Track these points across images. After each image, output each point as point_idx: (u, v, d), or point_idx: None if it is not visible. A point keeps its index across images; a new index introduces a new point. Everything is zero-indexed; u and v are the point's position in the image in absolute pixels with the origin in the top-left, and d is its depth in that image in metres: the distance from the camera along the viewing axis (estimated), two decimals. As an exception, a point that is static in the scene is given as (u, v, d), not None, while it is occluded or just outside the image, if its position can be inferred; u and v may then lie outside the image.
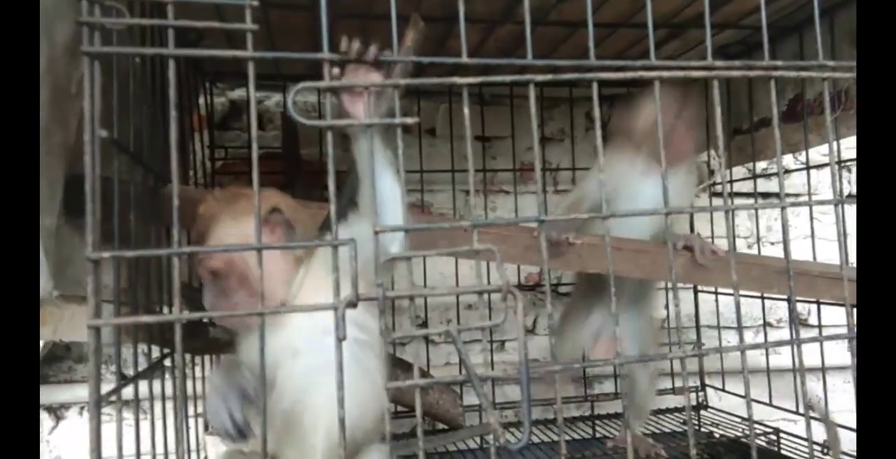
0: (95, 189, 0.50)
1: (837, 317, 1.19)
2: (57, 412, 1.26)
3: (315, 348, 0.68)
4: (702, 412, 1.40)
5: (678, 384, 1.40)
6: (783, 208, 0.66)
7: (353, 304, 0.53)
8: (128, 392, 0.69)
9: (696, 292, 1.46)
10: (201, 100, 1.22)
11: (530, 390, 0.55)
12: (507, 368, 0.62)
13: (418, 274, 1.38)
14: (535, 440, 1.19)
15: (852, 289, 0.68)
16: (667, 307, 1.51)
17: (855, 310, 0.68)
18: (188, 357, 1.01)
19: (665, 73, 0.61)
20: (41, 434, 1.26)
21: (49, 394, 1.24)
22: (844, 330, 0.65)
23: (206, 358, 1.11)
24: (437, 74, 0.95)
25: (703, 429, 1.30)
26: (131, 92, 0.67)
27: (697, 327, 1.46)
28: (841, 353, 1.41)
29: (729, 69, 0.65)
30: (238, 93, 1.38)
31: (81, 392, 1.24)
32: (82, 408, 1.28)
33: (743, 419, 1.23)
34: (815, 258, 1.20)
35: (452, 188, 1.39)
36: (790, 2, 1.03)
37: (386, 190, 0.68)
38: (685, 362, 0.60)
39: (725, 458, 1.17)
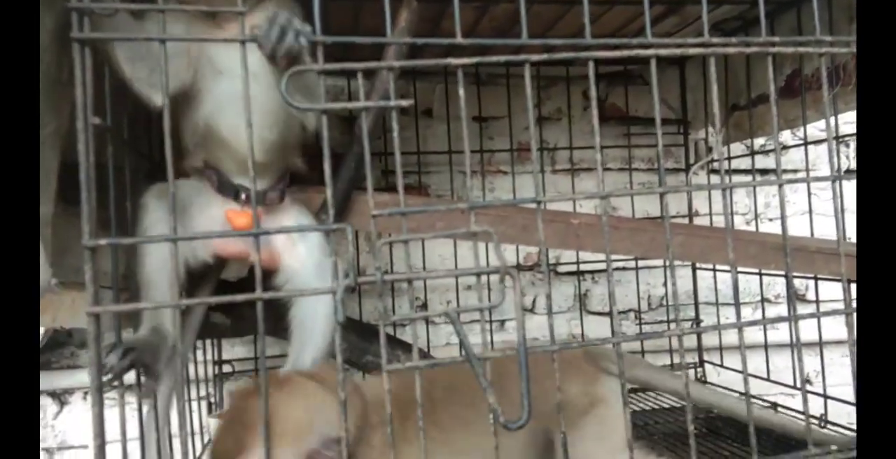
0: (90, 177, 0.50)
1: (835, 292, 1.20)
2: (61, 397, 1.28)
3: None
4: (700, 387, 1.41)
5: (676, 360, 1.41)
6: (780, 185, 0.66)
7: (351, 289, 0.53)
8: (128, 376, 0.69)
9: (694, 269, 1.47)
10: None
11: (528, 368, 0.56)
12: (507, 348, 0.63)
13: (417, 256, 1.38)
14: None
15: (849, 265, 0.69)
16: (665, 284, 1.52)
17: (853, 285, 0.68)
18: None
19: (662, 51, 0.60)
20: (46, 420, 1.27)
21: (52, 380, 1.25)
22: (842, 305, 0.65)
23: (207, 341, 1.12)
24: (432, 55, 0.95)
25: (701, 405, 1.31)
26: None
27: (696, 304, 1.47)
28: (838, 328, 1.42)
29: (726, 46, 0.64)
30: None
31: (84, 377, 1.25)
32: (86, 393, 1.29)
33: (741, 394, 1.24)
34: (812, 234, 1.20)
35: (450, 169, 1.39)
36: (788, -25, 1.02)
37: None
38: (683, 339, 0.60)
39: (724, 432, 1.18)
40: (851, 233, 1.45)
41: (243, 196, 0.77)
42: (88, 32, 0.50)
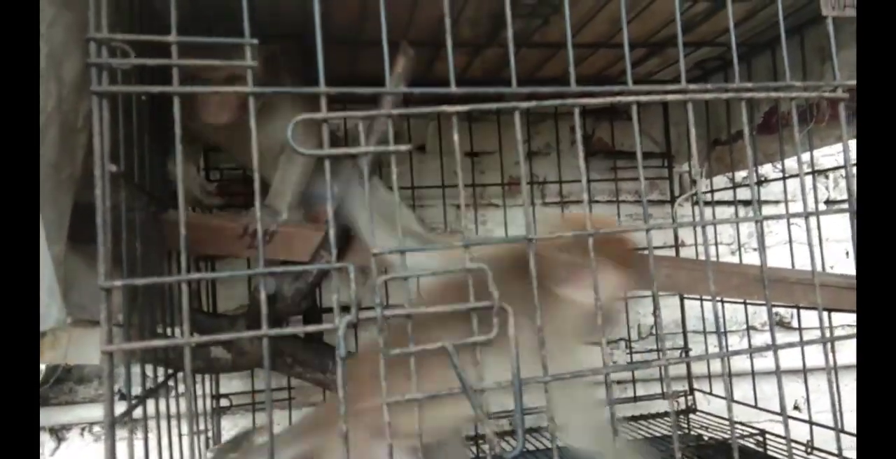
0: (107, 220, 0.53)
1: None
2: (58, 433, 1.28)
3: None
4: (691, 415, 1.43)
5: (665, 389, 1.43)
6: (758, 222, 0.70)
7: (353, 325, 0.56)
8: (136, 412, 0.71)
9: (681, 299, 1.50)
10: (195, 123, 1.25)
11: (523, 399, 0.59)
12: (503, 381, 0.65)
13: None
14: (529, 447, 1.22)
15: (825, 295, 0.72)
16: (654, 314, 1.55)
17: (828, 315, 0.72)
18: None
19: (643, 98, 0.65)
20: (44, 456, 1.27)
21: (50, 416, 1.25)
22: (826, 333, 0.68)
23: (207, 376, 1.13)
24: (426, 98, 0.98)
25: (692, 432, 1.33)
26: (134, 124, 0.70)
27: (684, 333, 1.49)
28: (822, 355, 1.45)
29: (703, 92, 0.69)
30: (231, 115, 1.41)
31: (83, 413, 1.26)
32: (83, 429, 1.29)
33: (728, 421, 1.26)
34: (793, 262, 1.24)
35: (443, 202, 1.42)
36: (762, 20, 1.08)
37: None
38: (669, 368, 0.63)
39: (715, 460, 1.20)
40: (829, 262, 1.48)
41: None
42: (106, 86, 0.54)
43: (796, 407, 1.48)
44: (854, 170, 0.76)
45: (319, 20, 0.57)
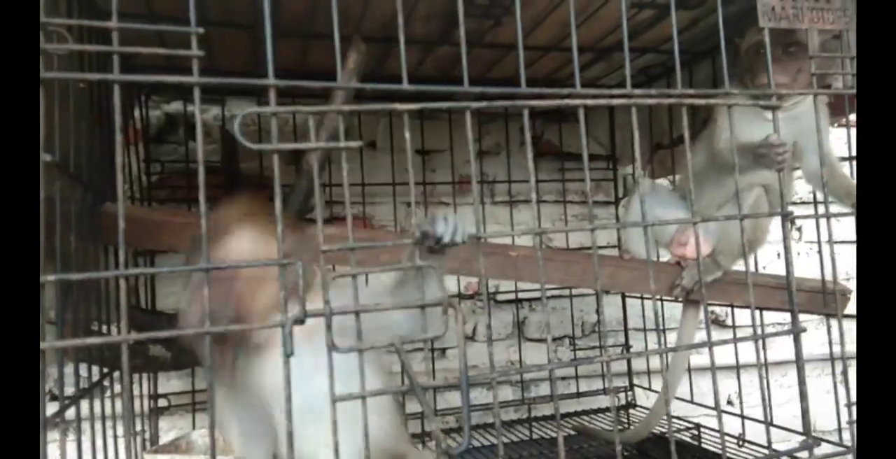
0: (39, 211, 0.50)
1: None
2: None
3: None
4: (631, 410, 1.48)
5: (607, 385, 1.47)
6: (695, 223, 0.73)
7: (300, 321, 0.55)
8: (69, 413, 0.68)
9: (623, 297, 1.54)
10: (136, 113, 1.21)
11: (469, 395, 0.59)
12: (448, 376, 0.66)
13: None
14: (476, 444, 1.23)
15: (758, 294, 0.76)
16: (597, 312, 1.59)
17: (759, 313, 0.76)
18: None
19: (589, 101, 0.66)
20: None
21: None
22: (758, 330, 0.72)
23: (144, 375, 1.09)
24: (377, 93, 0.99)
25: (631, 426, 1.37)
26: (70, 111, 0.67)
27: (626, 330, 1.54)
28: (754, 353, 1.52)
29: (646, 97, 0.71)
30: (174, 107, 1.37)
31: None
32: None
33: (666, 415, 1.31)
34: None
35: (393, 200, 1.42)
36: (703, 29, 1.12)
37: None
38: (613, 364, 0.65)
39: (653, 453, 1.24)
40: (763, 262, 1.55)
41: None
42: (43, 71, 0.52)
43: (729, 402, 1.54)
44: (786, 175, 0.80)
45: (269, 10, 0.56)
